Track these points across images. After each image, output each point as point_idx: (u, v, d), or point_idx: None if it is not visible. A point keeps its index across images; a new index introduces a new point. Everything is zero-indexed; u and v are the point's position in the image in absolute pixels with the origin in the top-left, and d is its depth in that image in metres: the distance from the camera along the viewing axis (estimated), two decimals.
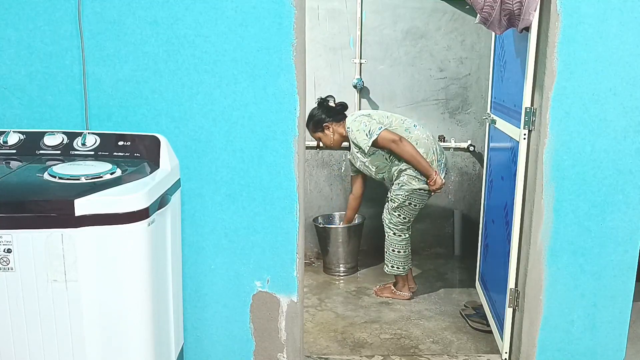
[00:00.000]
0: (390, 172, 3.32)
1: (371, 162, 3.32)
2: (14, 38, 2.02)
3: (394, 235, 3.35)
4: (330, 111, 3.42)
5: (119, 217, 1.56)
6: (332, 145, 3.48)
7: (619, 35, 2.12)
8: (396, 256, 3.36)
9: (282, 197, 2.19)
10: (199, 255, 2.22)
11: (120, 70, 2.06)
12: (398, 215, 3.31)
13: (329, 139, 3.43)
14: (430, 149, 3.26)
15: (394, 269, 3.38)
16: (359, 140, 3.23)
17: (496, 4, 2.21)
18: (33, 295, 1.56)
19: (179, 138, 2.11)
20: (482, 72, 3.88)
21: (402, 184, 3.25)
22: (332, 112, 3.42)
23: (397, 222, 3.33)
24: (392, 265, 3.39)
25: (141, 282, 1.65)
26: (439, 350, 2.80)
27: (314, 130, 3.45)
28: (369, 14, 3.78)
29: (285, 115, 2.12)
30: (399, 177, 3.28)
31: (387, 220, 3.36)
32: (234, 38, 2.05)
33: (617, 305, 2.35)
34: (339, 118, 3.41)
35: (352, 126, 3.26)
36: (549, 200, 2.25)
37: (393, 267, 3.38)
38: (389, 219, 3.35)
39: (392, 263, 3.38)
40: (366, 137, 3.19)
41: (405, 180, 3.23)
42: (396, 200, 3.28)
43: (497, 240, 2.86)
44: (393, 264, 3.38)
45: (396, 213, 3.31)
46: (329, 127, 3.40)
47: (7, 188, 1.61)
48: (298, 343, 2.35)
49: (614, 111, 2.18)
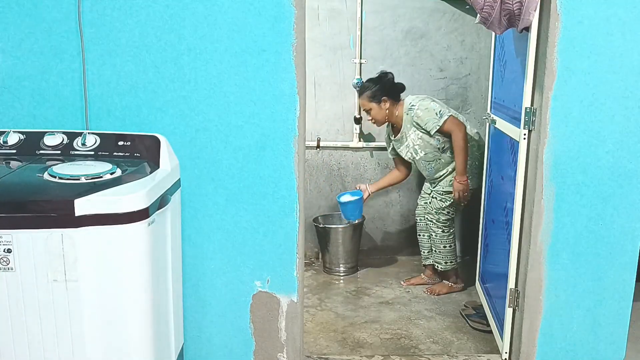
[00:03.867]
0: (437, 165, 3.31)
1: (423, 148, 3.29)
2: (14, 38, 2.02)
3: (443, 232, 3.36)
4: (391, 87, 3.35)
5: (119, 217, 1.56)
6: (378, 120, 3.38)
7: (619, 35, 2.12)
8: (448, 251, 3.39)
9: (282, 197, 2.19)
10: (199, 255, 2.22)
11: (120, 70, 2.06)
12: (447, 212, 3.34)
13: (382, 113, 3.34)
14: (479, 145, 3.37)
15: (447, 264, 3.40)
16: (427, 120, 3.19)
17: (496, 4, 2.21)
18: (33, 295, 1.57)
19: (179, 138, 2.11)
20: (482, 72, 3.88)
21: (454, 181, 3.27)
22: (392, 88, 3.36)
23: (446, 219, 3.35)
24: (445, 262, 3.40)
25: (141, 282, 1.65)
26: (439, 350, 2.80)
27: (370, 100, 3.33)
28: (369, 14, 3.78)
29: (285, 115, 2.12)
30: (452, 174, 3.29)
31: (435, 219, 3.36)
32: (233, 38, 2.05)
33: (617, 305, 2.35)
34: (396, 98, 3.36)
35: (420, 104, 3.22)
36: (549, 200, 2.25)
37: (447, 263, 3.40)
38: (436, 218, 3.36)
39: (445, 259, 3.40)
40: (436, 116, 3.18)
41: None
42: (448, 199, 3.31)
43: (497, 240, 2.86)
44: (446, 260, 3.40)
45: (445, 211, 3.33)
46: (385, 102, 3.32)
47: (7, 188, 1.61)
48: (298, 343, 2.35)
49: (614, 111, 2.18)
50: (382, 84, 3.34)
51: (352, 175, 3.97)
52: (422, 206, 3.50)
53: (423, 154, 3.32)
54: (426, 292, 3.46)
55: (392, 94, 3.36)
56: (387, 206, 4.03)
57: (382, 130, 3.90)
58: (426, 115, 3.20)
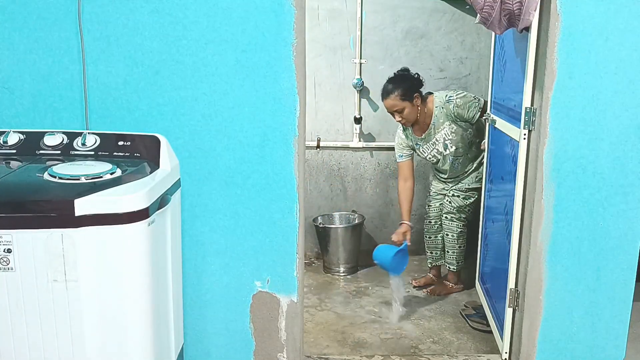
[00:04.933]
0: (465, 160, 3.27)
1: (455, 141, 3.19)
2: (14, 38, 2.02)
3: (461, 232, 3.33)
4: (419, 83, 3.17)
5: (119, 217, 1.56)
6: (414, 118, 3.15)
7: (619, 35, 2.12)
8: (461, 252, 3.37)
9: (282, 197, 2.19)
10: (199, 255, 2.22)
11: (121, 70, 2.06)
12: (468, 210, 3.31)
13: (414, 112, 3.13)
14: None
15: (459, 265, 3.39)
16: (468, 105, 3.11)
17: (496, 4, 2.21)
18: (33, 295, 1.57)
19: (179, 138, 2.11)
20: (482, 72, 3.88)
21: (480, 177, 3.23)
22: (420, 85, 3.18)
23: (466, 217, 3.32)
24: (457, 262, 3.38)
25: (141, 282, 1.65)
26: (439, 350, 2.80)
27: (402, 99, 3.09)
28: (369, 14, 3.78)
29: (285, 115, 2.12)
30: (477, 170, 3.27)
31: (457, 217, 3.30)
32: (233, 38, 2.05)
33: (617, 305, 2.35)
34: (423, 94, 3.21)
35: (457, 94, 3.14)
36: (549, 200, 2.25)
37: (459, 264, 3.38)
38: (458, 217, 3.30)
39: (458, 259, 3.37)
40: (474, 100, 3.14)
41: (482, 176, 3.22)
42: (472, 197, 3.28)
43: (497, 240, 2.86)
44: (459, 260, 3.38)
45: (467, 209, 3.30)
46: (417, 99, 3.13)
47: (7, 188, 1.61)
48: (298, 343, 2.35)
49: (614, 111, 2.18)
50: (411, 81, 3.16)
51: (352, 175, 3.97)
52: (437, 207, 3.41)
53: (454, 149, 3.22)
54: (426, 292, 3.46)
55: (419, 90, 3.19)
56: (387, 206, 4.04)
57: (382, 130, 3.90)
58: (466, 102, 3.15)
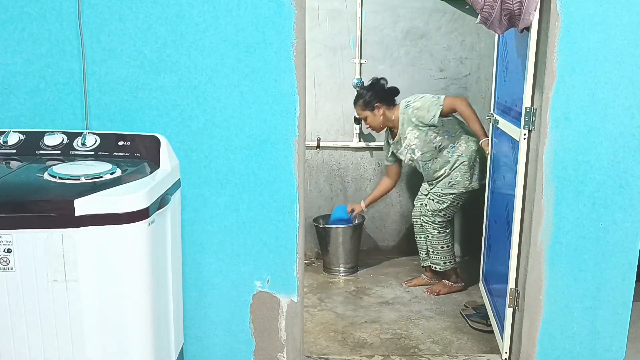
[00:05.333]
0: (434, 165, 3.30)
1: (420, 147, 3.29)
2: (14, 38, 2.02)
3: (439, 234, 3.35)
4: (383, 93, 3.38)
5: (119, 217, 1.56)
6: (375, 126, 3.41)
7: (619, 35, 2.12)
8: (446, 252, 3.38)
9: (282, 197, 2.19)
10: (199, 255, 2.22)
11: (120, 70, 2.06)
12: (443, 215, 3.33)
13: (377, 120, 3.38)
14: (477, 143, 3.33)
15: (447, 265, 3.40)
16: (427, 107, 3.20)
17: (496, 3, 2.21)
18: (33, 295, 1.57)
19: (179, 138, 2.11)
20: (482, 72, 3.88)
21: (453, 182, 3.26)
22: (385, 94, 3.38)
23: (442, 221, 3.34)
24: (444, 262, 3.40)
25: (141, 282, 1.65)
26: (439, 350, 2.80)
27: (363, 109, 3.39)
28: (369, 14, 3.78)
29: (285, 115, 2.12)
30: (450, 175, 3.28)
31: (430, 221, 3.35)
32: (233, 38, 2.05)
33: (617, 305, 2.35)
34: (390, 102, 3.38)
35: (414, 98, 3.25)
36: (549, 200, 2.25)
37: (446, 264, 3.40)
38: (432, 220, 3.34)
39: (444, 260, 3.39)
40: (434, 99, 3.20)
41: (458, 179, 3.25)
42: (445, 201, 3.29)
43: (499, 240, 2.86)
44: (444, 260, 3.39)
45: (442, 213, 3.32)
46: (379, 108, 3.35)
47: (7, 188, 1.61)
48: (298, 343, 2.35)
49: (614, 111, 2.18)
50: (374, 91, 3.38)
51: (352, 175, 3.97)
52: (418, 208, 3.49)
53: (420, 153, 3.32)
54: (426, 292, 3.46)
55: (386, 99, 3.37)
56: (387, 206, 4.04)
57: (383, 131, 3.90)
58: (425, 103, 3.21)
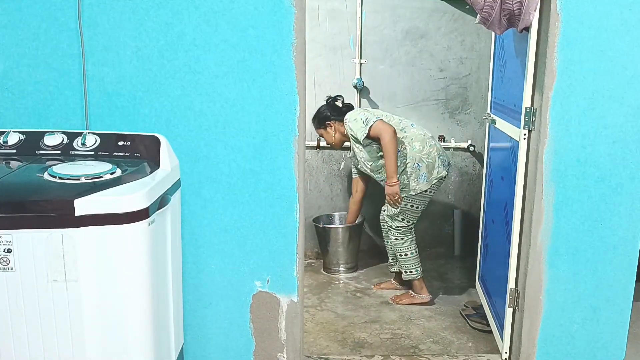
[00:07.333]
0: (383, 173, 3.26)
1: (366, 159, 3.31)
2: (14, 38, 2.02)
3: (396, 240, 3.30)
4: (335, 110, 3.44)
5: (119, 217, 1.56)
6: (333, 143, 3.49)
7: (619, 35, 2.12)
8: (406, 260, 3.30)
9: (282, 197, 2.19)
10: (199, 255, 2.22)
11: (120, 70, 2.06)
12: (402, 219, 3.27)
13: (331, 137, 3.46)
14: (427, 142, 3.22)
15: (411, 274, 3.31)
16: (355, 130, 3.20)
17: (496, 4, 2.21)
18: (33, 295, 1.57)
19: (179, 138, 2.11)
20: (482, 72, 3.88)
21: (402, 186, 3.21)
22: (338, 111, 3.43)
23: (400, 226, 3.28)
24: (405, 271, 3.32)
25: (141, 282, 1.65)
26: (439, 350, 2.80)
27: (318, 127, 3.49)
28: (369, 14, 3.78)
29: (285, 115, 2.12)
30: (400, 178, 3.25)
31: (388, 224, 3.31)
32: (233, 38, 2.05)
33: (617, 305, 2.35)
34: (341, 119, 3.40)
35: (350, 116, 3.26)
36: (549, 200, 2.25)
37: (407, 273, 3.32)
38: (389, 224, 3.31)
39: (405, 268, 3.32)
40: (363, 124, 3.16)
41: (405, 182, 3.21)
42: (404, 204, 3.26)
43: (497, 240, 2.86)
44: (406, 269, 3.32)
45: (399, 217, 3.27)
46: (331, 125, 3.43)
47: (7, 188, 1.61)
48: (298, 343, 2.35)
49: (614, 111, 2.18)
50: (326, 109, 3.45)
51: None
52: (382, 212, 3.40)
53: (369, 164, 3.33)
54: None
55: (339, 115, 3.39)
56: None
57: None
58: (355, 126, 3.21)
